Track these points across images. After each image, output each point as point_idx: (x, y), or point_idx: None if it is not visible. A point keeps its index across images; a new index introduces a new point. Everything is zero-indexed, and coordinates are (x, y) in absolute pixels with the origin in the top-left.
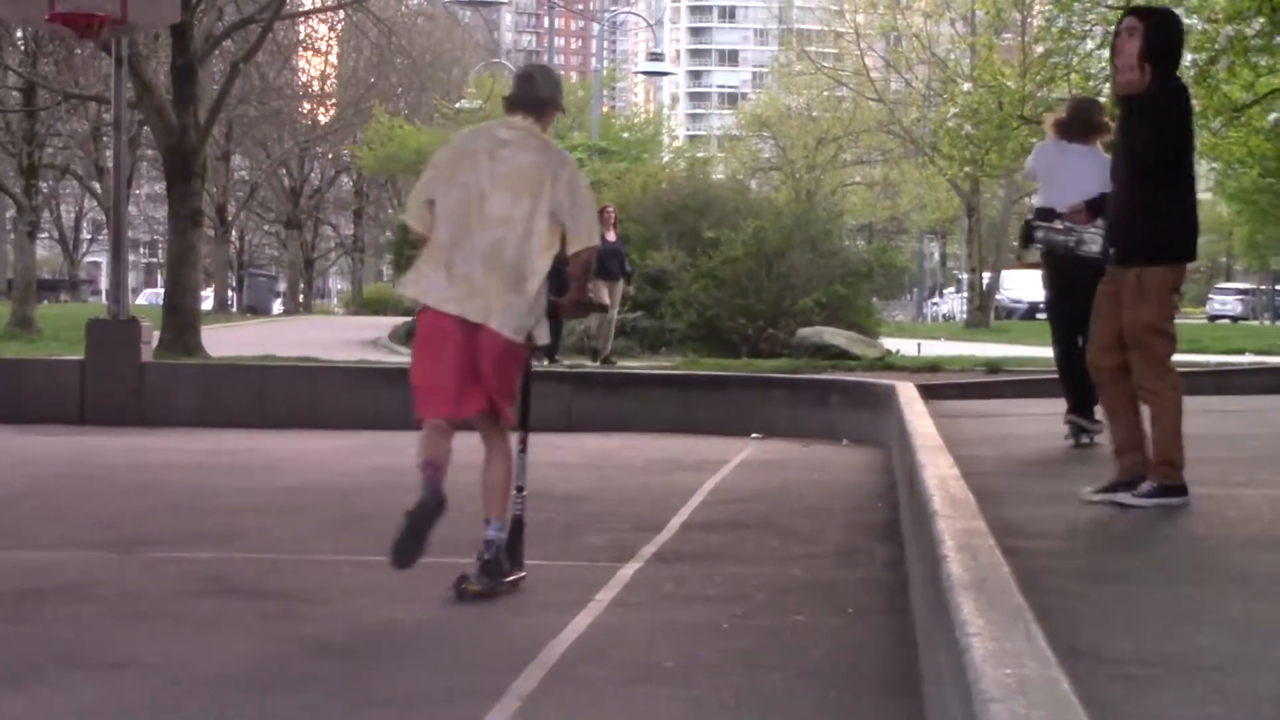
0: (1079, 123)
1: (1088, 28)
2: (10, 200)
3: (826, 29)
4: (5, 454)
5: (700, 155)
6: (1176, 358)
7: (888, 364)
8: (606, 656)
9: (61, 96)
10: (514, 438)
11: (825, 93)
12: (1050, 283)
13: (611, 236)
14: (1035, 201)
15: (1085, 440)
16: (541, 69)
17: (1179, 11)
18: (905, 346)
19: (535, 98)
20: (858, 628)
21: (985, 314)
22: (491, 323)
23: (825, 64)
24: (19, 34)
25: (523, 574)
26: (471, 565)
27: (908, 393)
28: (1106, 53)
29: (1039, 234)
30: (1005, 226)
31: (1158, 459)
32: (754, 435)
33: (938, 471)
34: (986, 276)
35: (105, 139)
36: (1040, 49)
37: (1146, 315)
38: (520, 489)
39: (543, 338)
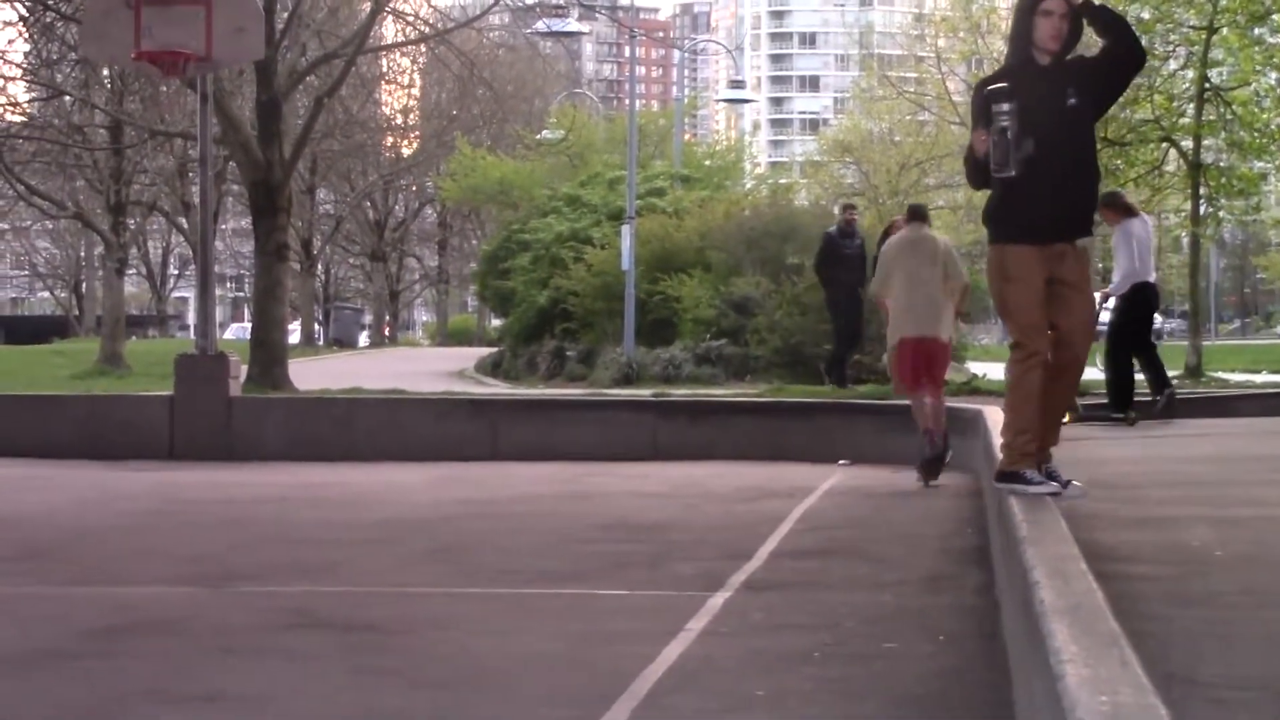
0: (1127, 205)
1: (1170, 49)
2: (99, 237)
3: (907, 54)
4: (95, 490)
5: (783, 182)
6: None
7: (974, 388)
8: (698, 686)
9: (148, 134)
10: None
11: (907, 117)
12: (1133, 310)
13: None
14: (1141, 275)
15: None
16: (921, 205)
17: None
18: (992, 370)
19: (923, 215)
20: (949, 654)
21: None
22: (938, 334)
23: (907, 89)
24: (105, 73)
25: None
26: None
27: (995, 417)
28: (1191, 74)
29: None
30: (1090, 249)
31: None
32: (841, 462)
33: (1026, 496)
34: None
35: (191, 175)
36: None
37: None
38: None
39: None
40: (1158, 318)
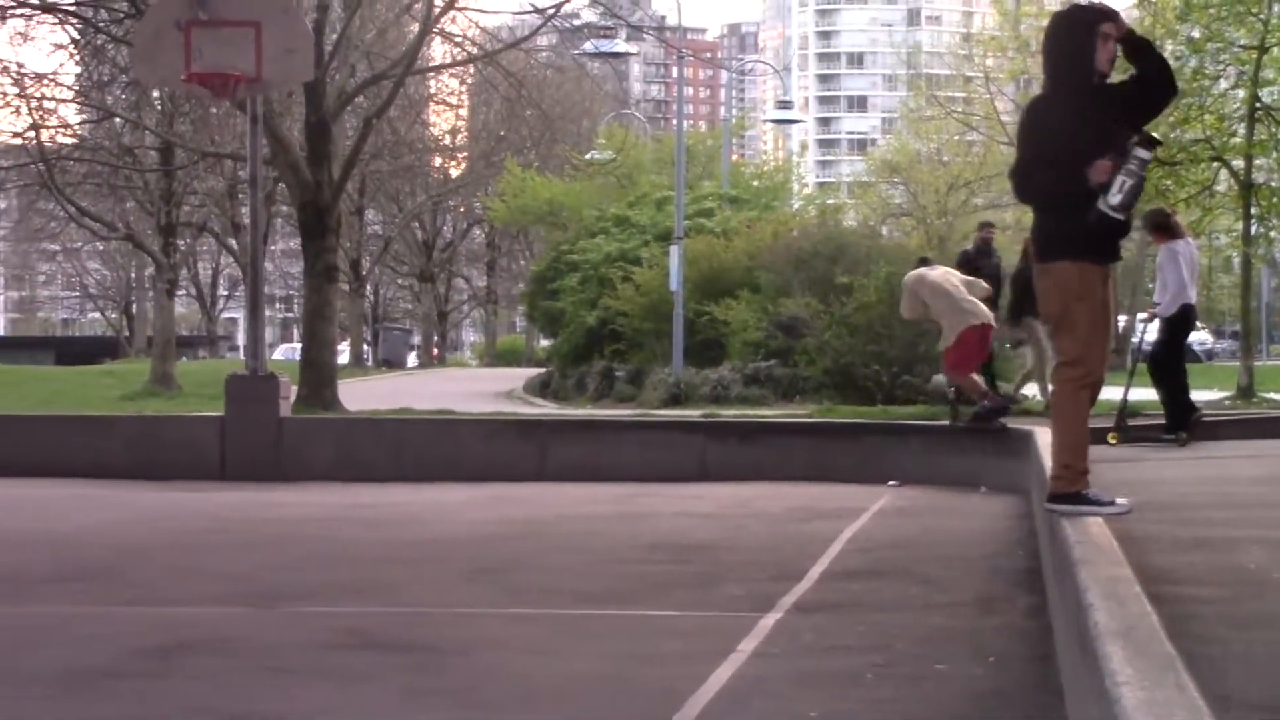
0: (1173, 226)
1: (1221, 68)
2: (149, 258)
3: (955, 73)
4: (147, 510)
5: (831, 202)
6: None
7: (1024, 409)
8: (749, 708)
9: (198, 155)
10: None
11: (955, 137)
12: (1176, 332)
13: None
14: (1187, 297)
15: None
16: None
17: None
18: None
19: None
20: (1000, 676)
21: (1120, 356)
22: (991, 322)
23: (955, 108)
24: (156, 95)
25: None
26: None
27: (1045, 438)
28: (1242, 94)
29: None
30: (1140, 268)
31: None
32: (891, 483)
33: (1079, 517)
34: (1122, 319)
35: (241, 196)
36: None
37: None
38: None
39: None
40: (1207, 338)
